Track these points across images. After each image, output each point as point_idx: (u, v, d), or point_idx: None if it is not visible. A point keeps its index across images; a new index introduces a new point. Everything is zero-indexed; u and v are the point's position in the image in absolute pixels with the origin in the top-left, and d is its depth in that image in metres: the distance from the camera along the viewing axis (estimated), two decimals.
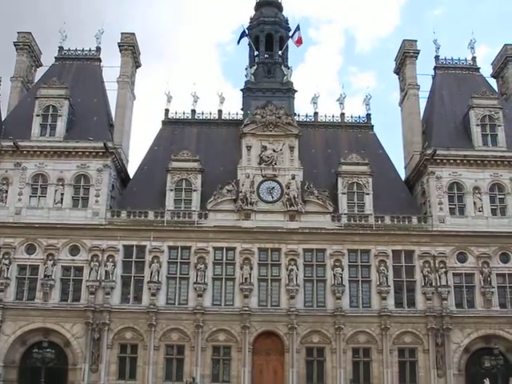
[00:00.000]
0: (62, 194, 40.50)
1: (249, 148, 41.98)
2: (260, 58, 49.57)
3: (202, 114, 47.16)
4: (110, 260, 39.17)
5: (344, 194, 41.20)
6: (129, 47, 46.37)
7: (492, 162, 41.55)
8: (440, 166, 41.48)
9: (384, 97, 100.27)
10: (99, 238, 39.66)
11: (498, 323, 38.74)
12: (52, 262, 38.98)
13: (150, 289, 38.78)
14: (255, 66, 48.38)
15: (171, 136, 45.94)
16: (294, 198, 40.30)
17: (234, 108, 49.23)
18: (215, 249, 39.86)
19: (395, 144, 74.14)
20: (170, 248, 39.85)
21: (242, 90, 47.78)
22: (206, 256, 39.49)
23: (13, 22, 76.55)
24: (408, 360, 38.49)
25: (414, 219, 40.87)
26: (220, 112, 47.21)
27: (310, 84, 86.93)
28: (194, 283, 38.83)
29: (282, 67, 48.58)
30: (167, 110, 47.20)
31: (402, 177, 45.62)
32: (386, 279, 39.20)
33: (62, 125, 42.07)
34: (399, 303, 39.30)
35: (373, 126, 47.12)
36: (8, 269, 38.87)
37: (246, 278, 38.87)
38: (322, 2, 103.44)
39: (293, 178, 40.89)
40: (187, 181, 41.22)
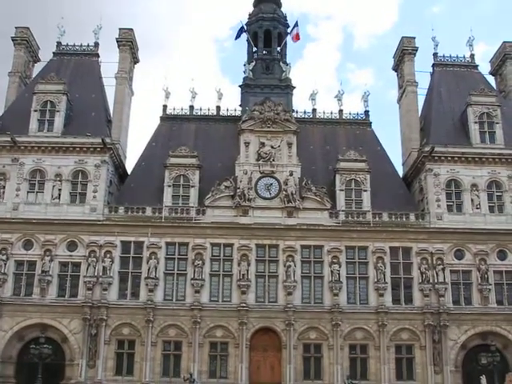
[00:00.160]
0: (60, 190, 40.46)
1: (247, 144, 41.97)
2: (258, 54, 49.47)
3: (200, 110, 47.17)
4: (108, 256, 39.14)
5: (342, 190, 41.22)
6: (127, 43, 46.25)
7: (490, 160, 41.58)
8: (438, 163, 41.49)
9: (382, 94, 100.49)
10: (97, 233, 39.62)
11: (494, 320, 38.81)
12: (49, 258, 38.92)
13: (147, 285, 38.77)
14: (253, 63, 48.28)
15: (169, 132, 45.90)
16: (292, 194, 40.32)
17: (232, 104, 49.26)
18: (213, 245, 39.85)
19: (393, 141, 74.03)
20: (167, 244, 39.83)
21: (240, 86, 47.78)
22: (203, 252, 39.48)
23: (11, 17, 76.57)
24: (405, 356, 38.56)
25: (412, 216, 40.90)
26: (218, 108, 47.17)
27: (309, 80, 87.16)
28: (192, 279, 38.83)
29: (281, 63, 48.51)
30: (165, 106, 47.17)
31: (400, 174, 45.68)
32: (384, 276, 39.24)
33: (59, 120, 42.00)
34: (396, 300, 39.35)
35: (371, 122, 47.22)
36: (5, 264, 38.81)
37: (243, 275, 38.89)
38: None
39: (291, 174, 40.88)
40: (185, 177, 41.19)
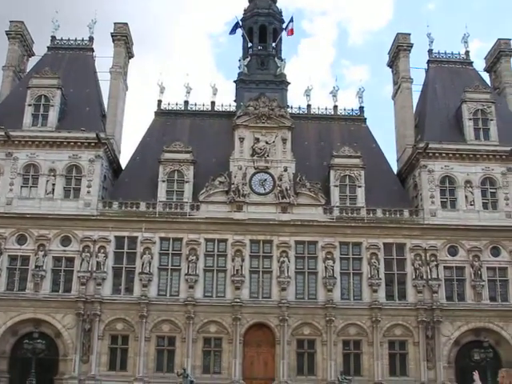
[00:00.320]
0: (54, 185, 40.33)
1: (241, 140, 41.92)
2: (253, 49, 49.44)
3: (195, 105, 47.03)
4: (102, 251, 39.07)
5: (336, 186, 41.23)
6: (122, 37, 46.17)
7: (484, 156, 41.64)
8: (432, 160, 41.53)
9: (377, 90, 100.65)
10: (91, 228, 39.54)
11: (487, 316, 38.93)
12: (43, 253, 38.81)
13: (141, 280, 38.74)
14: (248, 58, 48.24)
15: (164, 127, 45.81)
16: (286, 190, 40.32)
17: (227, 100, 49.32)
18: (207, 240, 39.84)
19: (388, 137, 74.43)
20: (161, 239, 39.79)
21: (235, 81, 47.71)
22: (197, 247, 39.46)
23: (5, 11, 76.06)
24: (398, 352, 38.67)
25: (406, 212, 40.96)
26: (213, 103, 47.04)
27: (303, 76, 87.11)
28: (186, 275, 38.82)
29: (276, 59, 48.45)
30: (160, 101, 47.04)
31: (395, 170, 45.70)
32: (377, 272, 39.29)
33: (53, 115, 41.86)
34: (390, 296, 39.44)
35: (366, 118, 47.17)
36: None
37: (237, 270, 38.89)
38: None
39: (285, 170, 40.88)
40: (179, 172, 41.14)
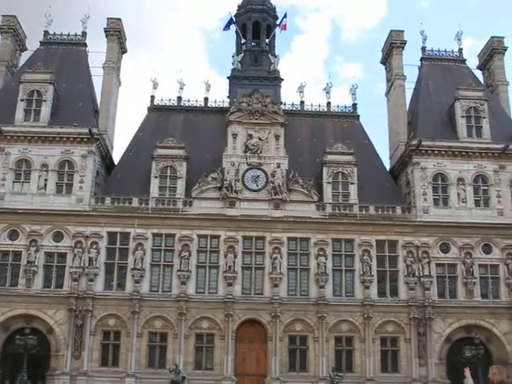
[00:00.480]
0: (46, 180, 40.15)
1: (234, 136, 41.87)
2: (247, 45, 49.30)
3: (188, 101, 46.93)
4: (94, 247, 38.98)
5: (329, 183, 41.25)
6: (115, 33, 45.97)
7: (476, 154, 41.73)
8: (425, 157, 41.59)
9: (370, 87, 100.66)
10: (83, 224, 39.43)
11: (479, 313, 39.05)
12: (35, 248, 38.68)
13: (133, 276, 38.69)
14: (242, 54, 48.10)
15: (157, 123, 45.68)
16: (279, 186, 40.31)
17: (220, 96, 49.25)
18: (199, 236, 39.80)
19: (381, 134, 74.19)
20: (154, 235, 39.73)
21: (228, 77, 47.58)
22: (190, 244, 39.42)
23: None
24: (390, 349, 38.76)
25: (398, 209, 41.04)
26: (206, 99, 46.95)
27: (297, 73, 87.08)
28: (178, 271, 38.79)
29: (269, 55, 48.37)
30: (153, 97, 46.91)
31: (387, 167, 45.76)
32: (370, 269, 39.34)
33: (46, 110, 41.66)
34: (382, 293, 39.52)
35: (359, 115, 47.19)
36: None
37: (229, 266, 38.88)
38: None
39: (278, 166, 40.86)
40: (172, 168, 41.08)
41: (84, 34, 46.77)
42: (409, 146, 42.12)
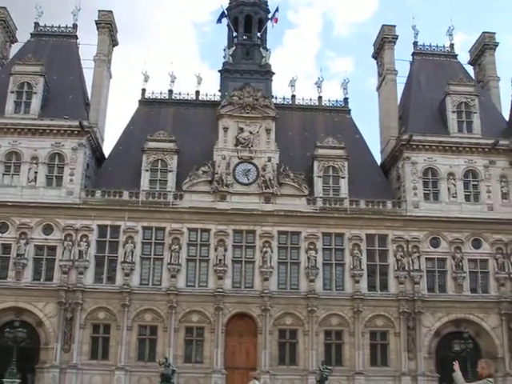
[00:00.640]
0: (36, 173, 39.95)
1: (225, 129, 41.82)
2: (239, 39, 49.09)
3: (179, 94, 46.70)
4: (84, 240, 38.87)
5: (320, 177, 41.26)
6: (106, 25, 45.68)
7: (467, 149, 41.84)
8: (415, 152, 41.67)
9: (362, 82, 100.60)
10: (73, 217, 39.30)
11: (468, 308, 39.24)
12: (25, 241, 38.52)
13: (123, 269, 38.61)
14: (233, 48, 47.87)
15: (147, 116, 45.54)
16: (270, 180, 40.30)
17: (211, 89, 49.14)
18: (190, 230, 39.76)
19: (372, 129, 74.40)
20: (144, 228, 39.66)
21: (219, 71, 47.41)
22: (180, 237, 39.37)
23: None
24: (379, 343, 38.88)
25: (389, 204, 41.13)
26: (197, 93, 46.80)
27: (288, 67, 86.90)
28: (168, 264, 38.74)
29: (261, 49, 48.16)
30: (144, 90, 46.69)
31: (378, 161, 45.79)
32: (360, 263, 39.43)
33: (36, 102, 41.42)
34: (372, 287, 39.61)
35: (350, 110, 47.14)
36: None
37: (220, 260, 38.85)
38: None
39: (269, 160, 40.86)
40: (163, 161, 40.98)
41: (75, 26, 46.46)
42: (400, 140, 42.20)
